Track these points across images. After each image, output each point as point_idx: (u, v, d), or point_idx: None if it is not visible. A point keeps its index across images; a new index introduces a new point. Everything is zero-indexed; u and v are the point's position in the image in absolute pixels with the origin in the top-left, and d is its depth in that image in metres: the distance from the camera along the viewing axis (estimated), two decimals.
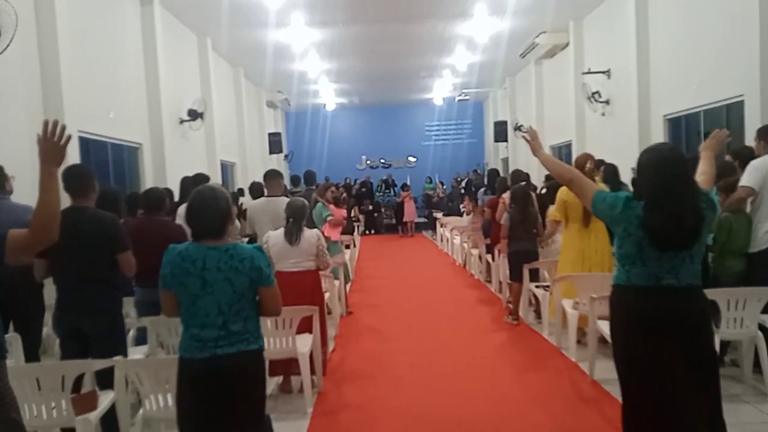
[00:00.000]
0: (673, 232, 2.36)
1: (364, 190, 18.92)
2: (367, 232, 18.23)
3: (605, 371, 4.40)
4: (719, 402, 2.45)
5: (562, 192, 5.22)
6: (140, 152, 8.31)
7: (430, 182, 20.58)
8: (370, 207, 18.73)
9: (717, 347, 3.75)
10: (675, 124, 8.72)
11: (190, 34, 10.81)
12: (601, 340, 4.46)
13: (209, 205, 2.45)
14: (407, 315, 7.03)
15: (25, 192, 4.42)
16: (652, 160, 2.49)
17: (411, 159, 22.32)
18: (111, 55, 7.55)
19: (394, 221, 18.41)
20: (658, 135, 8.88)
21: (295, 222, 4.45)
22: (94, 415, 3.04)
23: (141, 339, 4.39)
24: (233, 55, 12.98)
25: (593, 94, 10.64)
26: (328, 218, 7.02)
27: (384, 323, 6.61)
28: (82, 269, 3.30)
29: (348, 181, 20.00)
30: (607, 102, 10.50)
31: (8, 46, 4.80)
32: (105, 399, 3.16)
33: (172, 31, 9.53)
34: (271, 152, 16.77)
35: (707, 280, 4.19)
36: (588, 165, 5.03)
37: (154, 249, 4.12)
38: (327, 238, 7.02)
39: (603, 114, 10.66)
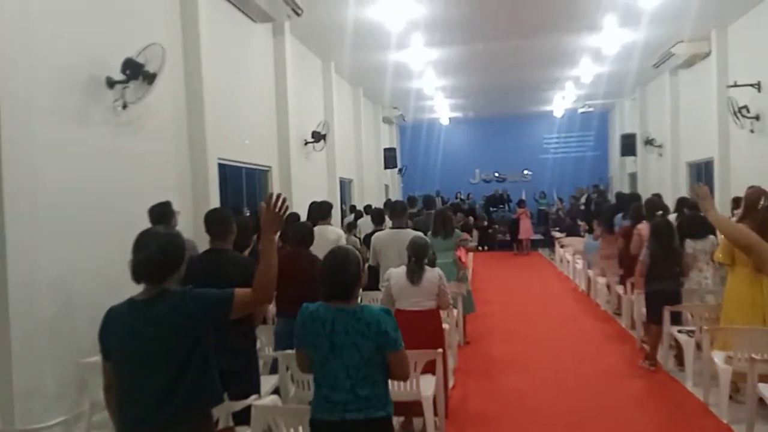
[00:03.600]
0: None
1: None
2: (479, 248, 17.87)
3: None
4: None
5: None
6: (269, 174, 8.76)
7: (544, 197, 19.76)
8: (485, 223, 18.38)
9: None
10: None
11: (316, 59, 11.28)
12: (760, 402, 3.94)
13: (341, 268, 2.48)
14: (528, 349, 6.71)
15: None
16: None
17: (526, 173, 21.62)
18: (246, 86, 8.04)
19: (508, 238, 17.90)
20: None
21: (417, 261, 4.39)
22: None
23: (274, 368, 4.56)
24: (354, 76, 13.35)
25: (740, 108, 9.60)
26: (464, 243, 6.93)
27: (504, 358, 6.36)
28: None
29: (459, 196, 19.82)
30: (757, 118, 9.43)
31: (156, 82, 5.23)
32: None
33: (300, 58, 9.98)
34: (385, 167, 17.03)
35: None
36: (762, 202, 4.38)
37: (297, 281, 4.32)
38: (463, 264, 6.96)
39: (752, 131, 9.58)
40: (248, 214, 7.54)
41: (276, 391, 4.19)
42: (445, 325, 5.53)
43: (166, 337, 2.15)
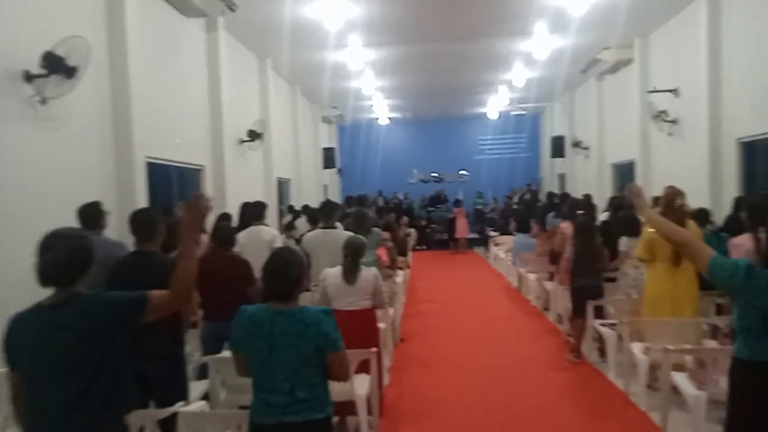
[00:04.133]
0: None
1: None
2: (418, 247, 18.14)
3: (678, 425, 4.17)
4: None
5: (649, 229, 4.94)
6: (202, 174, 8.51)
7: (481, 197, 20.29)
8: (423, 223, 18.69)
9: None
10: (750, 148, 8.21)
11: (252, 56, 11.05)
12: (674, 390, 4.20)
13: (284, 269, 2.45)
14: (463, 345, 6.87)
15: None
16: None
17: (463, 173, 22.09)
18: (177, 82, 7.78)
19: (445, 236, 18.26)
20: (731, 160, 8.39)
21: (353, 261, 4.40)
22: None
23: (203, 372, 4.45)
24: (292, 75, 13.19)
25: (660, 113, 10.20)
26: (383, 243, 7.05)
27: (438, 355, 6.48)
28: None
29: (397, 196, 20.06)
30: (674, 122, 10.03)
31: (80, 79, 4.98)
32: None
33: (235, 55, 9.76)
34: (324, 167, 16.96)
35: None
36: (678, 201, 4.71)
37: (221, 283, 4.23)
38: (384, 263, 7.08)
39: (670, 134, 10.19)
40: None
41: (206, 397, 4.09)
42: (381, 324, 5.59)
43: (76, 343, 2.06)
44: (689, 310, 4.72)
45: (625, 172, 12.79)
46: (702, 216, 5.62)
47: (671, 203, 4.57)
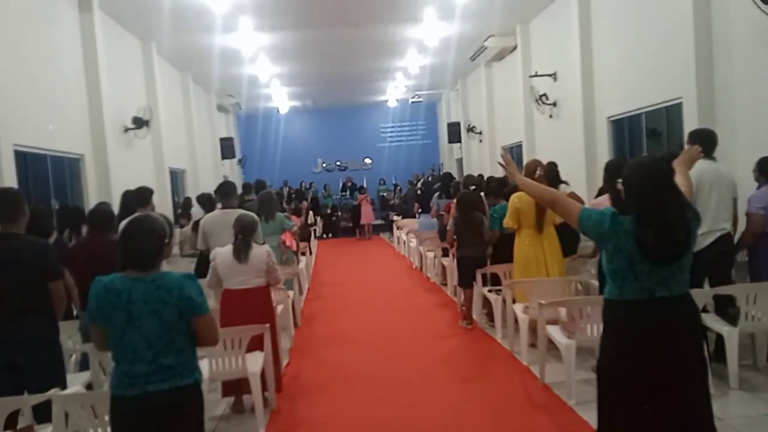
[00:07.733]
0: (668, 247, 2.38)
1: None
2: (324, 236, 18.15)
3: (555, 374, 4.52)
4: (709, 401, 2.50)
5: (514, 199, 5.29)
6: (82, 164, 7.98)
7: (383, 184, 20.65)
8: (329, 211, 18.69)
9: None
10: (618, 125, 9.00)
11: (134, 39, 10.48)
12: (551, 344, 4.56)
13: (142, 235, 2.37)
14: (364, 323, 7.01)
15: None
16: (638, 175, 2.45)
17: (367, 161, 22.34)
18: (49, 64, 7.22)
19: (351, 224, 18.39)
20: (603, 136, 9.14)
21: (244, 239, 4.36)
22: None
23: (85, 364, 4.23)
24: (180, 60, 12.66)
25: (541, 96, 10.87)
26: (291, 228, 7.03)
27: (340, 333, 6.56)
28: (14, 299, 3.15)
29: (303, 185, 19.93)
30: (554, 104, 10.74)
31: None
32: None
33: (114, 37, 9.22)
34: (223, 157, 16.48)
35: None
36: (538, 172, 5.13)
37: (101, 271, 4.00)
38: (288, 248, 7.05)
39: (551, 116, 10.90)
40: (57, 206, 6.85)
41: (89, 388, 3.90)
42: (279, 306, 5.58)
43: None
44: (555, 270, 5.18)
45: (514, 155, 13.50)
46: (552, 169, 5.97)
47: (532, 173, 5.04)
